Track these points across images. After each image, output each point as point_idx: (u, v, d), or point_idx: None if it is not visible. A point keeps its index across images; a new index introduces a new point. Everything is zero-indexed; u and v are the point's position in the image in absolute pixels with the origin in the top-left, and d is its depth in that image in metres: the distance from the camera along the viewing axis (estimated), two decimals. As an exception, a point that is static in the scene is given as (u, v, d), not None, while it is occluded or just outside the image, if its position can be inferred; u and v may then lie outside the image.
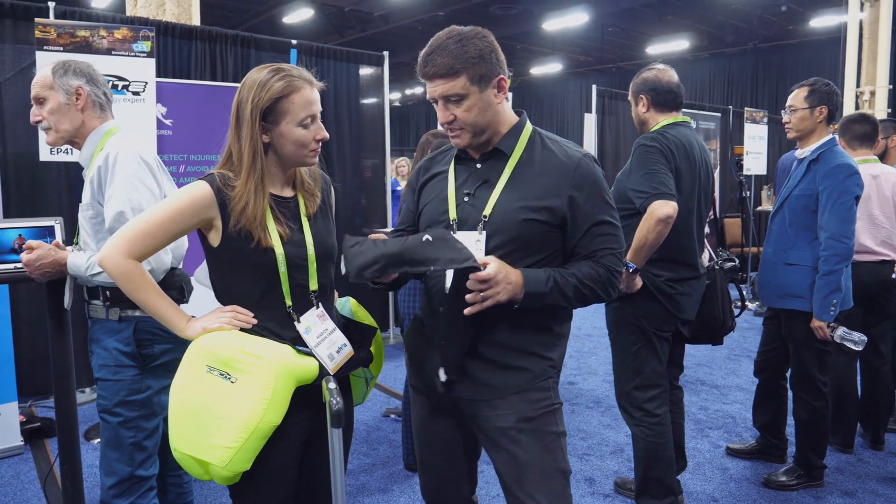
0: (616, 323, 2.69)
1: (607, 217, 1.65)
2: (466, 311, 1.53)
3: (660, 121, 2.67)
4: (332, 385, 1.48)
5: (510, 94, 1.76)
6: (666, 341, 2.65)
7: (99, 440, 3.63)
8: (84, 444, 3.48)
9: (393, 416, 4.10)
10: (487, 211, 1.63)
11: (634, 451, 2.72)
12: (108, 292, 2.03)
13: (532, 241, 1.62)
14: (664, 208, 2.39)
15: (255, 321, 1.56)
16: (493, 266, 1.51)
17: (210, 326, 1.52)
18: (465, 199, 1.68)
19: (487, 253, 1.61)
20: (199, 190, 1.54)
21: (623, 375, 2.70)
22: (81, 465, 2.36)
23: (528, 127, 1.72)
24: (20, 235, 2.17)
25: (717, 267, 2.81)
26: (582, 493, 3.14)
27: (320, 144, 1.62)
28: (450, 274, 1.64)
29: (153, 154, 2.12)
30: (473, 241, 1.63)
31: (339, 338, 1.67)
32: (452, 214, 1.68)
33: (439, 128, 1.95)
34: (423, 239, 1.48)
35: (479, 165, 1.70)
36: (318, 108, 1.60)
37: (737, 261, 2.93)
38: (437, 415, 1.79)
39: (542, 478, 1.64)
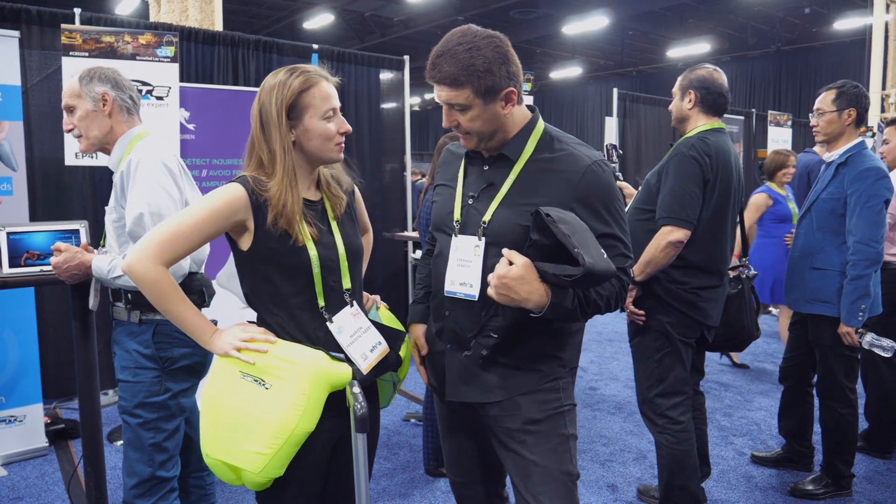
0: (639, 329, 2.65)
1: (611, 230, 1.57)
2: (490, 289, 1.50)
3: (700, 124, 2.60)
4: (357, 389, 1.48)
5: (531, 98, 1.73)
6: (690, 347, 2.61)
7: (121, 442, 3.67)
8: (107, 446, 3.50)
9: (413, 420, 4.09)
10: (487, 217, 1.60)
11: (658, 459, 2.68)
12: (129, 295, 2.05)
13: None
14: (676, 233, 2.42)
15: (275, 342, 1.53)
16: (513, 270, 1.45)
17: (235, 343, 1.49)
18: (469, 201, 1.66)
19: (485, 261, 1.59)
20: (234, 191, 1.53)
21: (645, 382, 2.66)
22: (105, 466, 2.38)
23: (539, 128, 1.65)
24: (27, 251, 2.21)
25: (743, 276, 2.76)
26: (605, 500, 3.11)
27: (344, 139, 1.62)
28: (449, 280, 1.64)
29: (177, 159, 2.14)
30: (472, 247, 1.61)
31: (374, 335, 1.67)
32: (457, 215, 1.67)
33: None
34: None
35: (486, 167, 1.67)
36: (337, 101, 1.60)
37: (751, 268, 2.89)
38: (456, 412, 1.80)
39: (547, 479, 1.63)
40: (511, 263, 1.47)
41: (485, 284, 1.54)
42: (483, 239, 1.60)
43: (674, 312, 2.54)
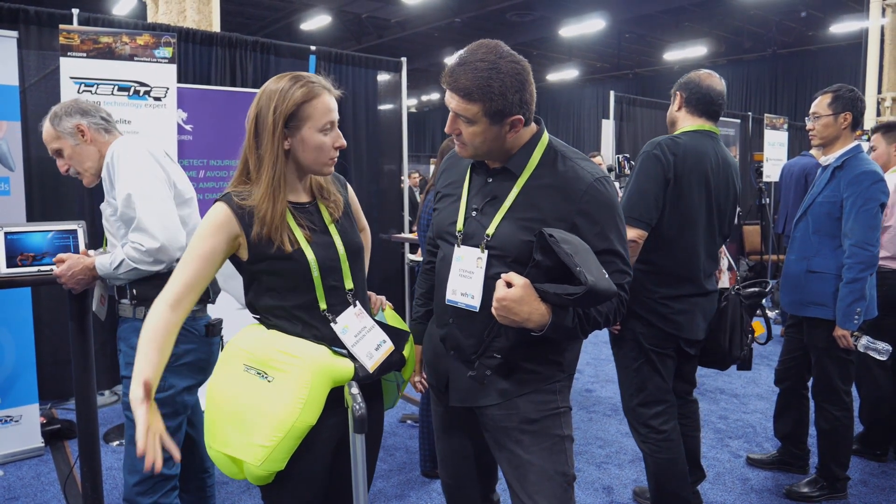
0: (616, 338, 2.61)
1: (610, 245, 1.58)
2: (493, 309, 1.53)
3: (686, 125, 2.55)
4: (355, 390, 1.48)
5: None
6: (668, 357, 2.54)
7: (118, 443, 3.66)
8: (103, 447, 3.50)
9: (409, 421, 4.09)
10: (491, 230, 1.61)
11: (646, 467, 2.65)
12: (135, 290, 2.06)
13: None
14: (628, 233, 2.32)
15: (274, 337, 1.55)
16: (512, 292, 1.48)
17: (140, 413, 1.41)
18: (473, 213, 1.67)
19: (488, 273, 1.60)
20: (219, 212, 1.55)
21: (627, 391, 2.62)
22: (101, 467, 2.38)
23: (544, 141, 1.65)
24: (25, 251, 2.23)
25: (734, 293, 2.64)
26: (600, 501, 3.11)
27: (338, 153, 1.62)
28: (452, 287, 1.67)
29: (160, 148, 2.17)
30: (475, 259, 1.62)
31: (378, 335, 1.67)
32: (460, 226, 1.68)
33: None
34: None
35: (489, 180, 1.67)
36: (336, 115, 1.60)
37: (764, 286, 2.74)
38: (453, 412, 1.81)
39: (542, 479, 1.64)
40: (510, 285, 1.49)
41: (487, 296, 1.56)
42: (486, 252, 1.61)
43: (645, 323, 2.48)
